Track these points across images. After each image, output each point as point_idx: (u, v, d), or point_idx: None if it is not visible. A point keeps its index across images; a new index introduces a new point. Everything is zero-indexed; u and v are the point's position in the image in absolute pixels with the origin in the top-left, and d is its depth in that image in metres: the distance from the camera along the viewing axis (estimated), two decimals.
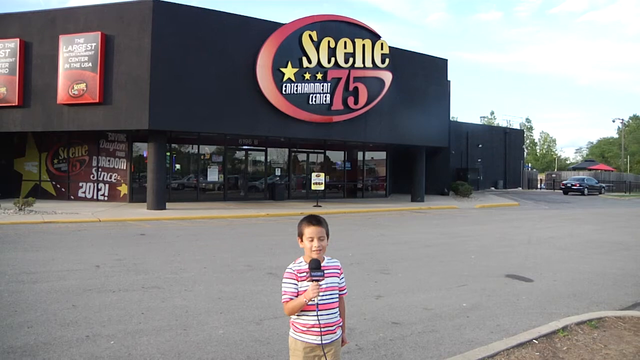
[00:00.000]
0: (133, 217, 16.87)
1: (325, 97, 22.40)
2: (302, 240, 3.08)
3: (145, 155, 21.67)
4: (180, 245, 11.84)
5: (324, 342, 2.98)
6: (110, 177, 22.38)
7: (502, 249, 12.15)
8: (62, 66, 19.22)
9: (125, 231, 13.95)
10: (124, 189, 22.30)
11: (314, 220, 3.08)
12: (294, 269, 3.02)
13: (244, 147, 25.94)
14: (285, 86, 21.25)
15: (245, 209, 20.72)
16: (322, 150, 28.61)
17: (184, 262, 9.48)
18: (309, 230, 3.04)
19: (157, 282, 7.76)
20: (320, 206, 22.56)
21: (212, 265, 9.36)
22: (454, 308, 6.75)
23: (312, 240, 3.02)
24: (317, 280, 2.88)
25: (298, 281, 2.98)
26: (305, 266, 3.01)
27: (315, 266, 2.91)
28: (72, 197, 22.47)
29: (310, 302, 2.92)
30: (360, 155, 30.35)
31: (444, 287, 7.98)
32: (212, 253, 10.81)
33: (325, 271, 2.96)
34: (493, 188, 43.21)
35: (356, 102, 23.22)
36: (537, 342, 5.22)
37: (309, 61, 21.82)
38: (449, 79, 29.67)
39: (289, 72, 21.31)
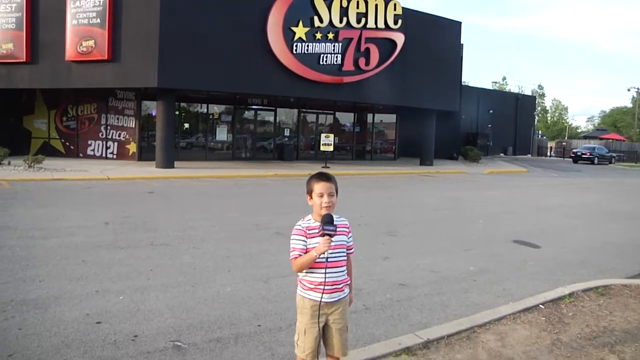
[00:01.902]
0: (142, 175, 16.92)
1: (336, 57, 22.05)
2: (311, 197, 3.04)
3: (154, 113, 21.56)
4: (189, 203, 11.90)
5: (324, 299, 2.98)
6: (119, 136, 22.35)
7: (510, 215, 12.12)
8: (69, 22, 18.93)
9: (134, 189, 14.02)
10: (132, 147, 22.30)
11: (324, 176, 3.04)
12: (303, 226, 2.99)
13: (253, 106, 25.73)
14: (296, 45, 20.90)
15: (253, 168, 20.71)
16: (332, 112, 28.35)
17: (192, 221, 9.52)
18: (319, 186, 3.00)
19: (166, 240, 7.82)
20: (328, 167, 22.51)
21: (220, 223, 9.41)
22: (461, 272, 6.76)
23: (321, 196, 2.98)
24: (330, 235, 2.85)
25: (307, 238, 2.96)
26: (314, 223, 2.98)
27: (328, 220, 2.88)
28: (81, 154, 22.52)
29: (320, 257, 2.91)
30: (369, 117, 30.07)
31: (451, 251, 7.99)
32: (220, 212, 10.87)
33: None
34: (502, 154, 42.88)
35: (367, 63, 22.85)
36: (543, 307, 5.23)
37: (321, 20, 21.39)
38: (461, 42, 29.09)
39: (300, 31, 20.92)
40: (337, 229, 2.95)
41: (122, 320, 4.61)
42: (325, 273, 2.94)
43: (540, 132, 66.37)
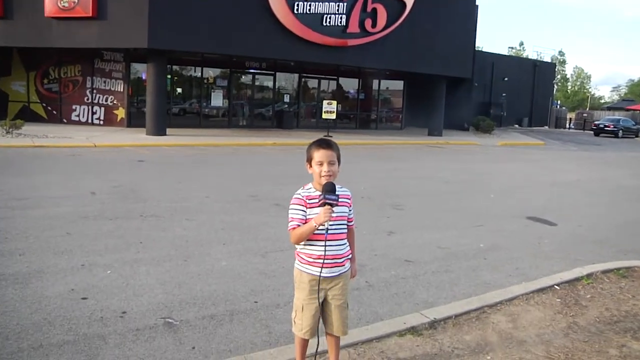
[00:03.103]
0: (131, 143, 16.86)
1: (341, 18, 21.72)
2: (310, 166, 3.01)
3: (144, 77, 21.35)
4: (181, 173, 11.87)
5: (323, 274, 2.97)
6: (106, 100, 22.13)
7: (524, 190, 12.09)
8: None
9: (123, 157, 13.98)
10: (121, 113, 22.13)
11: (324, 143, 3.00)
12: (303, 195, 2.97)
13: (251, 70, 25.49)
14: (297, 5, 20.55)
15: (250, 136, 20.64)
16: (335, 77, 28.10)
17: (185, 191, 9.51)
18: (319, 154, 2.96)
19: (157, 211, 7.81)
20: (331, 136, 22.36)
21: (215, 194, 9.39)
22: (471, 248, 6.77)
23: (321, 165, 2.94)
24: (331, 205, 2.83)
25: (307, 208, 2.93)
26: (314, 192, 2.96)
27: (329, 189, 2.86)
28: (64, 120, 22.30)
29: (320, 228, 2.88)
30: (375, 84, 29.79)
31: (460, 226, 7.98)
32: (214, 182, 10.85)
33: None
34: (517, 125, 42.61)
35: (374, 25, 22.52)
36: (558, 288, 5.22)
37: None
38: (476, 3, 28.66)
39: None
40: (340, 200, 2.92)
41: (109, 295, 4.61)
42: (325, 246, 2.92)
43: (559, 102, 65.62)
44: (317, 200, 2.90)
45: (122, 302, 4.48)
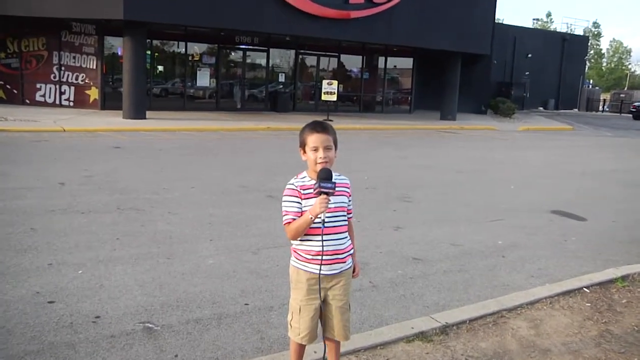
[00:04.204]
0: (106, 127, 16.82)
1: None
2: (304, 152, 3.01)
3: (120, 53, 21.27)
4: (163, 161, 11.87)
5: (322, 272, 2.97)
6: (77, 79, 21.99)
7: (548, 180, 12.10)
8: None
9: (97, 143, 13.96)
10: (94, 94, 22.04)
11: (319, 126, 3.00)
12: (297, 185, 2.97)
13: (242, 46, 25.41)
14: None
15: (241, 120, 20.61)
16: (336, 54, 28.01)
17: (168, 181, 9.51)
18: (313, 138, 2.96)
19: (136, 203, 7.80)
20: (331, 120, 22.37)
21: (201, 185, 9.39)
22: (487, 246, 6.78)
23: (316, 150, 2.94)
24: (327, 194, 2.83)
25: (302, 199, 2.94)
26: (309, 182, 2.96)
27: (325, 176, 2.86)
28: (27, 101, 22.06)
29: (315, 222, 2.88)
30: (381, 61, 29.73)
31: (475, 221, 8.00)
32: (201, 171, 10.85)
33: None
34: (541, 108, 42.57)
35: None
36: (588, 291, 5.22)
37: None
38: None
39: None
40: (338, 189, 2.93)
41: (80, 298, 4.61)
42: (323, 240, 2.92)
43: (591, 81, 65.38)
44: (312, 190, 2.90)
45: (95, 306, 4.48)
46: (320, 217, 2.85)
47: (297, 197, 2.95)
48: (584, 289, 5.25)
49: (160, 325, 4.21)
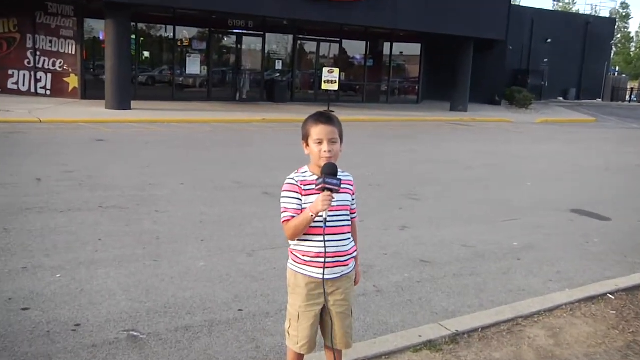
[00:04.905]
0: (87, 118, 16.80)
1: None
2: (307, 145, 2.99)
3: (102, 37, 21.24)
4: (150, 155, 11.87)
5: (326, 276, 2.95)
6: (54, 65, 21.88)
7: (568, 176, 12.11)
8: None
9: (77, 136, 13.96)
10: (73, 82, 21.98)
11: (324, 117, 2.99)
12: (297, 180, 2.96)
13: (235, 30, 25.40)
14: None
15: (235, 111, 20.62)
16: (338, 40, 27.98)
17: (155, 177, 9.51)
18: (317, 130, 2.94)
19: (120, 201, 7.80)
20: (333, 111, 22.36)
21: (192, 181, 9.40)
22: (501, 247, 6.78)
23: (320, 143, 2.93)
24: (331, 190, 2.82)
25: (302, 195, 2.93)
26: (311, 177, 2.95)
27: (330, 171, 2.84)
28: None
29: (317, 220, 2.87)
30: (386, 47, 29.76)
31: (488, 220, 8.00)
32: (191, 166, 10.85)
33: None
34: (561, 98, 42.54)
35: None
36: (613, 297, 5.21)
37: None
38: None
39: None
40: (342, 185, 2.91)
41: (58, 305, 4.60)
42: (325, 241, 2.91)
43: (617, 68, 65.10)
44: (314, 186, 2.88)
45: (74, 313, 4.47)
46: (321, 216, 2.84)
47: (297, 192, 2.93)
48: (608, 295, 5.23)
49: (146, 333, 4.21)
